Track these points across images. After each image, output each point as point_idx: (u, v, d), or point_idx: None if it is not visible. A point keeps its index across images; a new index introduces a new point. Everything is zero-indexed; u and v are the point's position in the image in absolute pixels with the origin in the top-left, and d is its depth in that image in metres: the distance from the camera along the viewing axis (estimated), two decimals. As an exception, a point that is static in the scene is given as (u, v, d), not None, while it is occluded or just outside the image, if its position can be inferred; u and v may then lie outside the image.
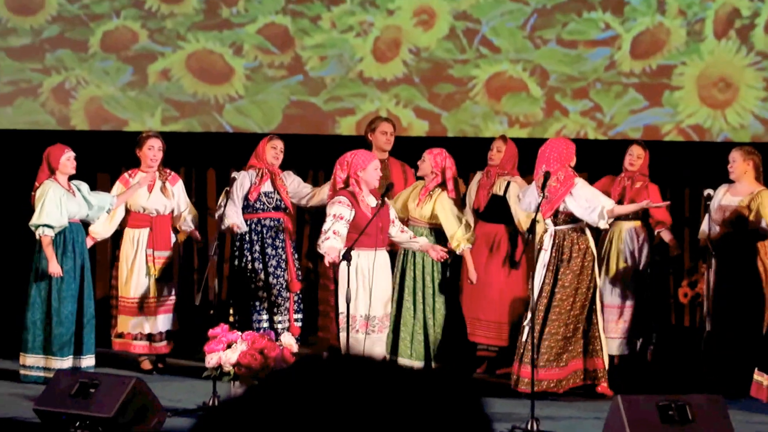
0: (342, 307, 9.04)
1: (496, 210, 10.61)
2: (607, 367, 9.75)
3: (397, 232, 9.45)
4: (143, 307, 10.41)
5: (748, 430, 8.33)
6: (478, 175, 10.83)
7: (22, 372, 9.92)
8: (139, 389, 8.18)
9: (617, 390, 9.15)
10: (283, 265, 10.52)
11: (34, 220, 9.80)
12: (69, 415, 8.16)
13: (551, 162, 9.59)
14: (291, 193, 10.59)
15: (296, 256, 10.71)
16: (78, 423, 8.13)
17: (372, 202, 9.31)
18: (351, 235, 9.11)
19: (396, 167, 10.84)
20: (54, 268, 9.79)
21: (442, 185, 10.07)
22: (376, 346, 9.32)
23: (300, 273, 10.71)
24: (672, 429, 7.64)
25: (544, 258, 9.60)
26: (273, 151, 10.50)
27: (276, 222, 10.54)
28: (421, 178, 10.24)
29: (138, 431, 8.08)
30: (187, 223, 10.58)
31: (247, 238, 10.50)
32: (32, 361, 9.92)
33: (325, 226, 9.11)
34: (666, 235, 10.69)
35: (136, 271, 10.41)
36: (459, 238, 9.91)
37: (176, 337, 10.60)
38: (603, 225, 9.67)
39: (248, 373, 8.51)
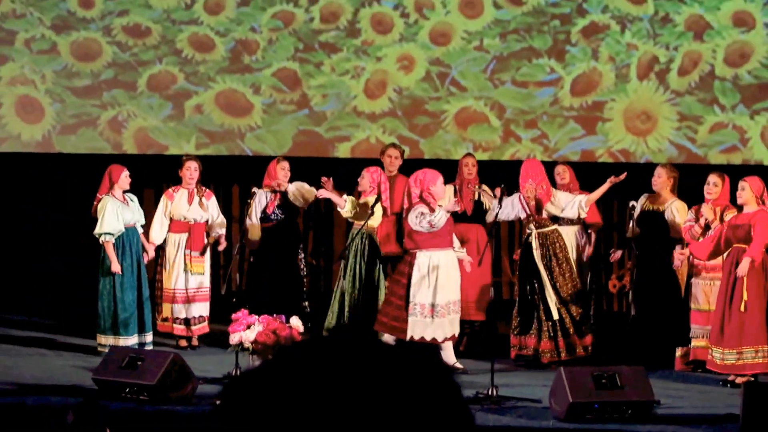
0: (413, 296, 9.01)
1: (477, 214, 10.63)
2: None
3: None
4: (183, 297, 10.36)
5: (665, 393, 8.34)
6: (450, 188, 10.72)
7: (99, 349, 9.83)
8: (177, 362, 8.17)
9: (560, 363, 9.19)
10: (291, 263, 10.54)
11: (97, 229, 9.83)
12: (120, 383, 8.15)
13: (537, 177, 9.68)
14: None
15: (301, 255, 10.69)
16: (127, 389, 8.12)
17: None
18: (425, 238, 9.04)
19: (401, 181, 10.59)
20: (115, 266, 9.80)
21: (378, 198, 10.02)
22: (441, 328, 9.15)
23: (305, 269, 10.72)
24: (604, 393, 7.67)
25: (537, 256, 9.62)
26: (282, 172, 10.51)
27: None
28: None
29: (176, 396, 8.06)
30: (216, 231, 10.53)
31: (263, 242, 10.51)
32: (105, 340, 9.87)
33: (416, 219, 9.01)
34: (593, 236, 10.58)
35: (177, 268, 10.38)
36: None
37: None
38: (583, 214, 9.78)
39: (264, 348, 8.49)
